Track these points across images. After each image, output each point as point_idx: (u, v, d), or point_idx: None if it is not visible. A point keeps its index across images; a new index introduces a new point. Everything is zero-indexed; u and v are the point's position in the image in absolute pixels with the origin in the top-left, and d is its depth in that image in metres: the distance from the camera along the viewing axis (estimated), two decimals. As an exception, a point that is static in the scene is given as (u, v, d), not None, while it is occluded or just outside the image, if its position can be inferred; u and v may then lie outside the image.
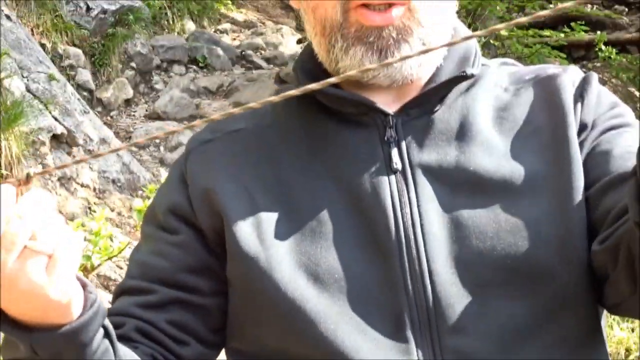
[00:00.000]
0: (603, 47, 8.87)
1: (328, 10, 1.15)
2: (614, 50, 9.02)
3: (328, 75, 1.16)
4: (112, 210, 4.44)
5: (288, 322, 1.10)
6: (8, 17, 5.24)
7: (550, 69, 1.28)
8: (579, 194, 1.15)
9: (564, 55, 8.89)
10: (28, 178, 0.83)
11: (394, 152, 1.17)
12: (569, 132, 1.18)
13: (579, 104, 1.20)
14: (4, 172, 4.03)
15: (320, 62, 1.22)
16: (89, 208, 4.21)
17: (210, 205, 1.17)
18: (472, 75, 1.21)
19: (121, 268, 3.64)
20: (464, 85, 1.22)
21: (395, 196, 1.13)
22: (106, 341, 0.96)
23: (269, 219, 1.15)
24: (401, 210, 1.12)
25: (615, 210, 1.07)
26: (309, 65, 1.25)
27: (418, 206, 1.12)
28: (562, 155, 1.17)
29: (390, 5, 1.12)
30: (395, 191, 1.14)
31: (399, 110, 1.18)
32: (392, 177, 1.15)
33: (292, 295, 1.09)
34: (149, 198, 3.41)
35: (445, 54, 1.20)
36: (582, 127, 1.19)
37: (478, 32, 0.97)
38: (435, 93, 1.20)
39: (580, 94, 1.21)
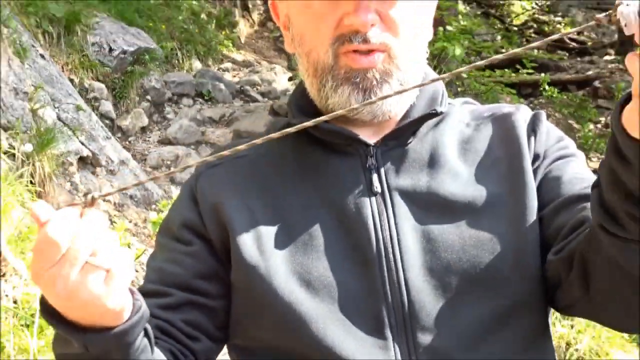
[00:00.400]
0: (547, 87, 8.95)
1: (320, 55, 1.16)
2: (556, 89, 9.11)
3: (318, 110, 1.20)
4: (130, 221, 4.42)
5: (283, 322, 1.10)
6: (42, 56, 5.24)
7: (505, 108, 1.30)
8: (532, 217, 1.17)
9: (514, 92, 8.99)
10: (93, 200, 0.83)
11: (375, 177, 1.17)
12: (523, 163, 1.20)
13: (532, 138, 1.22)
14: (37, 188, 4.01)
15: (312, 99, 1.22)
16: (110, 220, 4.19)
17: (217, 219, 1.17)
18: (441, 113, 1.23)
19: (137, 271, 3.60)
20: (433, 121, 1.23)
21: (376, 215, 1.14)
22: (145, 340, 0.97)
23: (268, 232, 1.15)
24: (381, 227, 1.13)
25: (567, 227, 1.10)
26: (302, 102, 1.25)
27: (395, 224, 1.14)
28: (518, 183, 1.19)
29: (372, 51, 1.13)
30: (375, 211, 1.15)
31: (378, 142, 1.19)
32: (373, 198, 1.16)
33: (287, 299, 1.10)
34: (161, 211, 3.39)
35: (418, 93, 1.21)
36: (535, 157, 1.21)
37: (444, 75, 0.99)
38: (409, 127, 1.21)
39: (533, 129, 1.23)
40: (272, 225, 1.17)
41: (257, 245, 1.14)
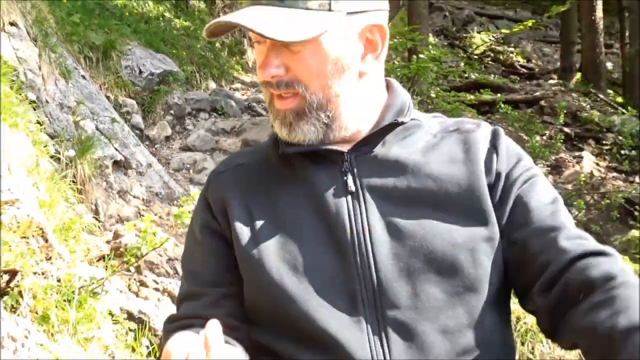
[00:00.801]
0: (502, 105, 8.96)
1: (266, 96, 1.18)
2: (509, 107, 9.13)
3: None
4: (156, 214, 4.41)
5: (276, 301, 1.10)
6: (83, 76, 5.24)
7: (468, 124, 1.28)
8: (482, 217, 1.16)
9: (474, 110, 8.98)
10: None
11: (350, 178, 1.17)
12: (478, 172, 1.19)
13: (494, 155, 1.20)
14: (78, 186, 4.00)
15: None
16: (139, 213, 4.17)
17: (226, 218, 1.19)
18: (403, 123, 1.21)
19: (161, 255, 3.59)
20: (403, 130, 1.22)
21: (351, 211, 1.14)
22: None
23: (262, 226, 1.16)
24: (355, 220, 1.13)
25: (546, 268, 1.09)
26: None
27: (367, 217, 1.13)
28: (473, 188, 1.17)
29: (283, 96, 1.15)
30: (350, 207, 1.14)
31: (351, 149, 1.19)
32: (349, 197, 1.15)
33: (278, 282, 1.10)
34: (181, 206, 3.38)
35: (384, 106, 1.22)
36: (498, 176, 1.19)
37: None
38: (378, 135, 1.20)
39: (494, 145, 1.21)
40: (266, 221, 1.17)
41: (252, 237, 1.15)
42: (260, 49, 1.15)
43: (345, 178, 1.18)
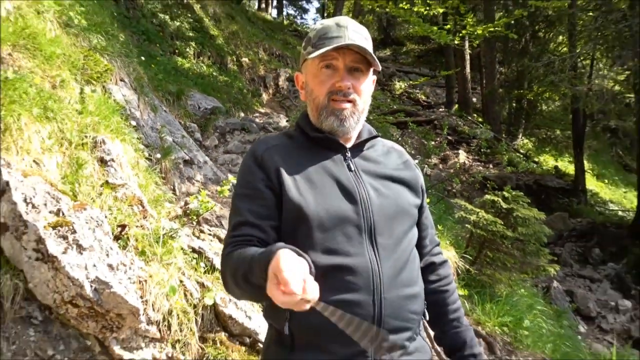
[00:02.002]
0: (411, 124, 9.00)
1: (321, 100, 1.14)
2: (415, 125, 9.20)
3: (315, 127, 1.18)
4: (209, 191, 4.39)
5: (313, 234, 1.05)
6: (165, 110, 5.19)
7: (396, 145, 1.31)
8: (417, 194, 1.21)
9: (395, 127, 9.00)
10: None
11: (351, 163, 1.16)
12: (416, 173, 1.25)
13: (417, 169, 1.26)
14: (162, 175, 3.96)
15: (312, 121, 1.19)
16: (199, 190, 4.17)
17: (277, 178, 1.10)
18: (377, 136, 1.25)
19: (212, 214, 3.55)
20: (372, 141, 1.23)
21: (353, 181, 1.12)
22: None
23: (301, 184, 1.10)
24: (357, 186, 1.11)
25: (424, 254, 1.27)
26: (307, 122, 1.20)
27: (363, 185, 1.12)
28: (413, 177, 1.22)
29: (346, 101, 1.13)
30: (352, 179, 1.13)
31: (351, 147, 1.18)
32: (350, 173, 1.14)
33: (316, 217, 1.05)
34: (223, 186, 3.39)
35: (362, 126, 1.21)
36: (422, 188, 1.25)
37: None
38: (364, 142, 1.20)
39: (415, 165, 1.27)
40: (303, 181, 1.10)
41: (297, 190, 1.08)
42: (328, 73, 1.13)
43: (347, 162, 1.16)
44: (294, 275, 0.79)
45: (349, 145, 1.19)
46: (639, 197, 8.69)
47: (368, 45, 1.12)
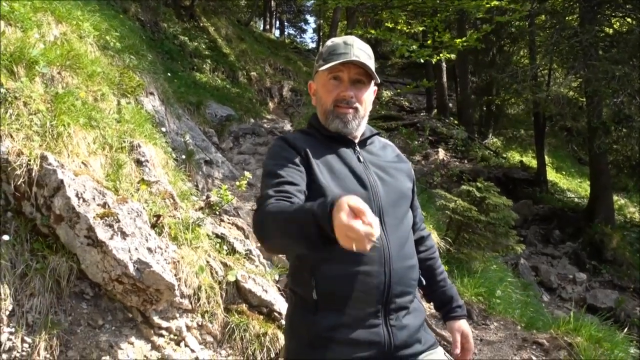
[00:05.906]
0: (401, 128, 9.03)
1: (327, 106, 1.14)
2: (402, 127, 9.21)
3: (324, 127, 1.17)
4: (228, 186, 4.45)
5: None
6: (187, 119, 5.20)
7: (389, 142, 1.29)
8: (411, 180, 1.21)
9: (384, 131, 8.99)
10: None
11: (360, 155, 1.15)
12: (408, 166, 1.25)
13: (408, 162, 1.26)
14: (187, 172, 3.95)
15: (321, 123, 1.18)
16: (219, 186, 4.19)
17: (305, 160, 1.09)
18: (377, 133, 1.25)
19: (230, 206, 3.48)
20: (373, 138, 1.23)
21: (362, 170, 1.11)
22: None
23: (323, 170, 1.09)
24: (367, 175, 1.11)
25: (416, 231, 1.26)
26: (318, 122, 1.19)
27: (371, 174, 1.12)
28: (408, 169, 1.23)
29: (349, 108, 1.13)
30: (362, 169, 1.12)
31: (358, 142, 1.18)
32: (360, 164, 1.13)
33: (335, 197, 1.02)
34: (240, 182, 3.38)
35: (364, 126, 1.20)
36: (413, 176, 1.25)
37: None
38: (368, 138, 1.21)
39: (406, 159, 1.27)
40: (324, 167, 1.09)
41: (320, 173, 1.07)
42: (335, 83, 1.12)
43: (357, 155, 1.15)
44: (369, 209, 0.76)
45: (356, 141, 1.19)
46: (591, 186, 8.77)
47: (370, 61, 1.12)
